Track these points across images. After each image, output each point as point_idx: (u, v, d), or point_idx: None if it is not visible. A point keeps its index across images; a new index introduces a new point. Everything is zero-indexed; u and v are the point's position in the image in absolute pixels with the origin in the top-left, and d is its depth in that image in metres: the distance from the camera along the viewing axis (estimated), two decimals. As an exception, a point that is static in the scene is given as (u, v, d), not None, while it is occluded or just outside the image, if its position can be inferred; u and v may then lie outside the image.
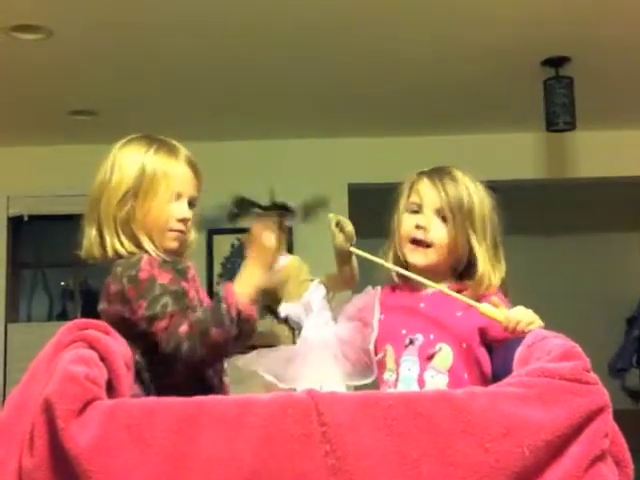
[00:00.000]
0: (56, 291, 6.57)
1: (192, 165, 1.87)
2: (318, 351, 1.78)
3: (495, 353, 1.86)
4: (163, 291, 1.67)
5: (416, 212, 1.92)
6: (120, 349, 1.52)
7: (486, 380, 1.81)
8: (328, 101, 5.17)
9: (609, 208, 7.17)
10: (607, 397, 1.36)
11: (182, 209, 1.84)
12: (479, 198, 1.91)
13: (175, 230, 1.83)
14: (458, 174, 1.93)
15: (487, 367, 1.86)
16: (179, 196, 1.83)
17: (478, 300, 1.82)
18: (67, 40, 4.08)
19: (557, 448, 1.31)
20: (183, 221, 1.83)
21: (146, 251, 1.77)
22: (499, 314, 1.75)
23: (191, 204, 1.87)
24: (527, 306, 1.76)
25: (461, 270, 1.93)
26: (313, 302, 1.85)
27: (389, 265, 1.94)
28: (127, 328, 1.64)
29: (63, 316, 6.36)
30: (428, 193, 1.90)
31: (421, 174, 1.96)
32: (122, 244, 1.77)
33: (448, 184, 1.90)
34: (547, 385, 1.35)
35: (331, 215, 1.92)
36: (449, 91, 5.02)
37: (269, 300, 1.90)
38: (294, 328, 1.89)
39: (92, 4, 3.71)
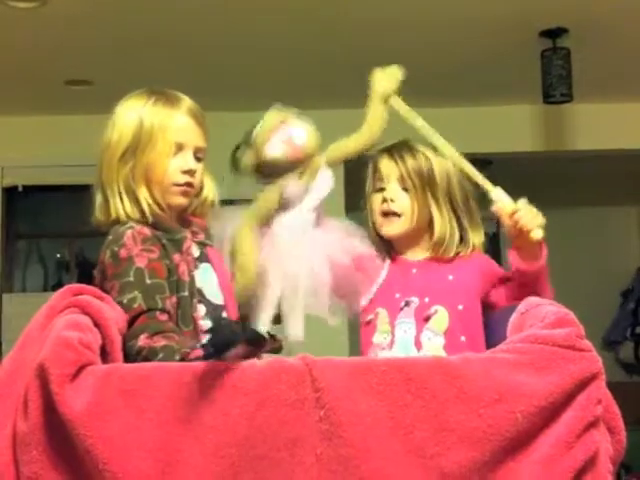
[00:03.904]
0: (51, 262, 6.55)
1: (193, 114, 1.77)
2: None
3: (489, 319, 1.87)
4: (135, 280, 1.60)
5: (382, 189, 1.96)
6: (113, 315, 1.52)
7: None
8: (325, 73, 5.14)
9: (606, 181, 7.14)
10: (600, 364, 1.37)
11: (186, 160, 1.73)
12: (440, 166, 1.94)
13: (180, 184, 1.73)
14: (417, 145, 1.97)
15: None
16: (181, 147, 1.72)
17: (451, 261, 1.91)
18: (62, 8, 4.02)
19: (550, 414, 1.32)
20: (189, 173, 1.73)
21: (144, 214, 1.68)
22: (509, 201, 1.80)
23: (198, 157, 1.76)
24: None
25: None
26: (315, 191, 1.62)
27: None
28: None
29: (59, 287, 6.31)
30: (387, 167, 1.96)
31: (381, 151, 2.00)
32: (124, 207, 1.69)
33: (406, 155, 1.95)
34: (540, 351, 1.35)
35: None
36: (446, 63, 4.98)
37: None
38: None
39: (86, -28, 3.68)
